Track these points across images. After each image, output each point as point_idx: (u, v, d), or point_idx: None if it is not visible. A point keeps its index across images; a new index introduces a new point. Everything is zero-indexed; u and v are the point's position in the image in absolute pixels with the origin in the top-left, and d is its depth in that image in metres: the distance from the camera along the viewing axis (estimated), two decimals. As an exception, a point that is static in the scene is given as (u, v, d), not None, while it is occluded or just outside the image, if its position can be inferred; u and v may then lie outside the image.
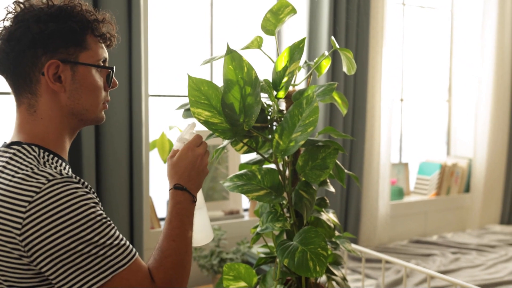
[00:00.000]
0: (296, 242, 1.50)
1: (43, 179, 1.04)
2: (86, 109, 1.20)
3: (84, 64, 1.17)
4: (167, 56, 3.31)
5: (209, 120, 1.39)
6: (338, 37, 3.44)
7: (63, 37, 1.14)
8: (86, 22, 1.17)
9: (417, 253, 3.54)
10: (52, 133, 1.17)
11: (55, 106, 1.17)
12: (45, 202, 1.02)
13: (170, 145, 2.97)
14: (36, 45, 1.12)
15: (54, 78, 1.14)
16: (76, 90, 1.17)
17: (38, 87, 1.15)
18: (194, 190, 1.27)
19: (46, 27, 1.12)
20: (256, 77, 1.35)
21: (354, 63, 1.49)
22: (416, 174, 4.44)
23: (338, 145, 1.53)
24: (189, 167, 1.27)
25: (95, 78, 1.20)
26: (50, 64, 1.12)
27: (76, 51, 1.16)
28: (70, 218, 1.03)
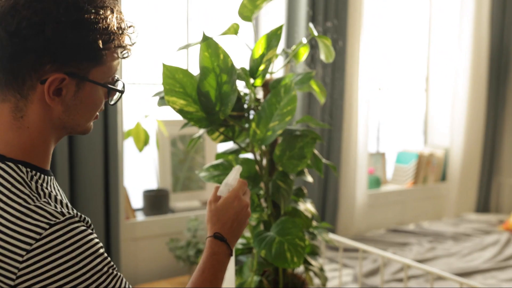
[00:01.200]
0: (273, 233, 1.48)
1: (43, 222, 0.87)
2: (78, 124, 1.02)
3: (93, 82, 0.97)
4: (143, 43, 3.25)
5: (184, 109, 1.36)
6: (316, 26, 3.41)
7: (80, 50, 0.93)
8: (112, 33, 0.97)
9: (394, 242, 3.56)
10: (39, 147, 0.98)
11: (46, 118, 0.97)
12: (47, 251, 0.86)
13: (145, 134, 2.92)
14: (44, 51, 0.91)
15: (54, 92, 0.94)
16: (75, 106, 0.98)
17: (31, 93, 0.94)
18: (233, 243, 1.17)
19: (64, 35, 0.91)
20: (232, 65, 1.32)
21: (333, 50, 1.47)
22: (394, 164, 4.46)
23: (316, 135, 1.51)
24: (233, 217, 1.16)
25: (98, 96, 1.01)
26: (54, 79, 0.92)
27: (89, 66, 0.96)
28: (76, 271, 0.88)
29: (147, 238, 2.98)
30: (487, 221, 4.16)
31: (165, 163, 3.17)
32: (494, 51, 4.52)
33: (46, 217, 0.88)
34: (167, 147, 3.16)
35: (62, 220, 0.88)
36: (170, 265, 3.00)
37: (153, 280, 2.95)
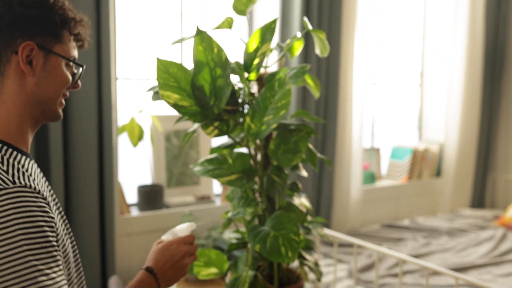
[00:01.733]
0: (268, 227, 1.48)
1: None
2: (50, 98, 1.16)
3: (58, 55, 1.16)
4: (136, 38, 3.24)
5: (179, 103, 1.35)
6: (311, 19, 3.41)
7: (43, 25, 1.14)
8: (66, 18, 1.17)
9: (389, 238, 3.57)
10: (13, 123, 1.12)
11: (21, 91, 1.13)
12: None
13: (139, 129, 2.91)
14: (15, 26, 1.11)
15: (27, 60, 1.11)
16: (44, 78, 1.15)
17: (7, 67, 1.12)
18: (162, 281, 1.25)
19: (28, 11, 1.12)
20: (226, 59, 1.31)
21: (328, 44, 1.47)
22: (388, 159, 4.46)
23: (310, 129, 1.50)
24: (167, 259, 1.26)
25: (64, 71, 1.18)
26: (26, 45, 1.10)
27: (52, 41, 1.15)
28: (7, 234, 0.94)
29: (141, 233, 2.97)
30: (482, 217, 4.17)
31: (159, 158, 3.16)
32: (489, 46, 4.52)
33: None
34: (161, 142, 3.15)
35: (11, 187, 0.97)
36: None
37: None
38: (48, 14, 1.14)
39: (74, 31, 1.20)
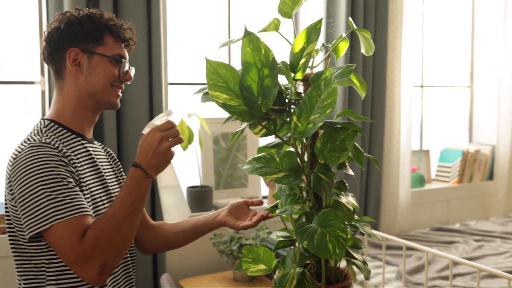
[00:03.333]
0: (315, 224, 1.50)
1: (26, 144, 1.37)
2: (98, 90, 1.49)
3: (98, 54, 1.48)
4: (186, 44, 3.32)
5: (227, 103, 1.39)
6: (356, 20, 3.41)
7: (83, 34, 1.48)
8: (104, 24, 1.50)
9: (439, 241, 3.52)
10: (67, 110, 1.50)
11: (74, 87, 1.49)
12: (18, 160, 1.34)
13: (189, 132, 2.98)
14: (64, 40, 1.48)
15: (75, 63, 1.48)
16: (90, 74, 1.48)
17: (64, 72, 1.49)
18: (149, 169, 1.37)
19: (71, 27, 1.47)
20: (274, 59, 1.34)
21: (372, 43, 1.48)
22: (437, 161, 4.39)
23: (357, 127, 1.52)
24: (147, 148, 1.38)
25: (108, 66, 1.50)
26: (71, 51, 1.47)
27: (94, 45, 1.49)
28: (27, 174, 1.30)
29: (191, 233, 3.04)
30: (536, 220, 4.05)
31: (208, 161, 3.22)
32: (542, 45, 4.40)
33: (29, 141, 1.38)
34: (210, 145, 3.22)
35: (37, 143, 1.36)
36: (213, 259, 3.05)
37: (197, 274, 3.01)
38: (86, 25, 1.47)
39: (115, 33, 1.51)
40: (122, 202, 1.35)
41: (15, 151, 1.39)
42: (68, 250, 1.27)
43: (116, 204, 1.35)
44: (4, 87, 2.78)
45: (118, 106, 1.55)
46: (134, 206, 1.35)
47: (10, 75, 2.77)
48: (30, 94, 2.79)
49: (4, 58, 2.76)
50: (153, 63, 2.75)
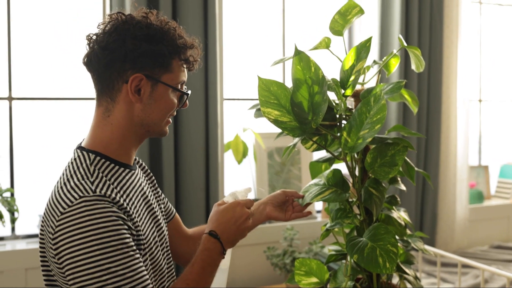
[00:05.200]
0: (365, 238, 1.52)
1: (76, 194, 1.15)
2: (154, 122, 1.31)
3: (165, 84, 1.28)
4: (241, 61, 3.41)
5: (279, 119, 1.44)
6: (411, 37, 3.40)
7: (152, 58, 1.25)
8: (176, 47, 1.28)
9: (498, 259, 3.42)
10: (116, 141, 1.28)
11: (127, 115, 1.28)
12: (70, 217, 1.12)
13: (244, 146, 3.05)
14: (126, 59, 1.23)
15: (135, 89, 1.25)
16: (150, 105, 1.28)
17: (118, 94, 1.26)
18: (226, 244, 1.31)
19: (139, 46, 1.23)
20: (323, 76, 1.39)
21: (423, 60, 1.50)
22: (497, 177, 4.28)
23: (407, 142, 1.53)
24: (232, 220, 1.31)
25: (170, 98, 1.30)
26: (135, 77, 1.24)
27: (161, 72, 1.27)
28: (82, 241, 1.11)
29: (245, 246, 3.09)
30: None
31: (262, 175, 3.28)
32: None
33: (80, 191, 1.15)
34: (264, 159, 3.28)
35: (91, 195, 1.15)
36: (267, 272, 3.09)
37: (250, 286, 3.06)
38: (158, 48, 1.25)
39: (184, 57, 1.30)
40: (197, 280, 1.24)
41: (61, 199, 1.16)
42: None
43: (191, 280, 1.23)
44: (69, 103, 2.94)
45: (167, 134, 1.38)
46: (207, 283, 1.26)
47: (76, 91, 2.92)
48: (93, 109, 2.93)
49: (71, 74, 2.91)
50: (209, 79, 2.84)
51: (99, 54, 1.24)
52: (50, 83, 2.89)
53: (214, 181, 2.89)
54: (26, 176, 2.84)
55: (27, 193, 2.78)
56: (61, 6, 2.90)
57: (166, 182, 2.75)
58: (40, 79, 2.88)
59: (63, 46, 2.89)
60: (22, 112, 2.83)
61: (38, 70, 2.87)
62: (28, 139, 2.87)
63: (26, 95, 2.83)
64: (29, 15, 2.82)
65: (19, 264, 2.58)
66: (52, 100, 2.89)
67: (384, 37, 3.38)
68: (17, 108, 2.80)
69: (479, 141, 4.30)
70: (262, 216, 1.61)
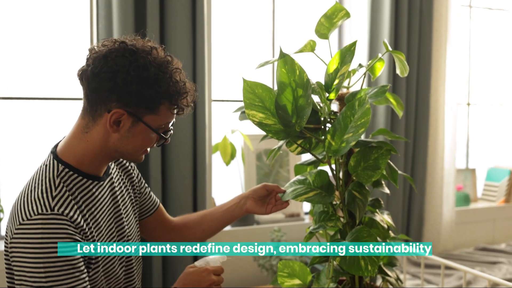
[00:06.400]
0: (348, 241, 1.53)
1: (36, 209, 1.21)
2: (129, 153, 1.34)
3: (145, 124, 1.29)
4: (230, 62, 3.41)
5: (263, 122, 1.45)
6: (400, 40, 3.42)
7: (139, 99, 1.26)
8: (168, 93, 1.28)
9: (482, 261, 3.45)
10: (87, 158, 1.32)
11: (103, 139, 1.30)
12: (25, 231, 1.19)
13: (232, 148, 3.05)
14: (113, 92, 1.24)
15: (114, 121, 1.27)
16: (127, 138, 1.30)
17: (99, 119, 1.29)
18: None
19: (129, 85, 1.24)
20: (308, 80, 1.39)
21: (407, 65, 1.51)
22: (484, 180, 4.31)
23: (390, 146, 1.55)
24: (195, 284, 1.37)
25: (148, 136, 1.32)
26: (116, 112, 1.26)
27: (145, 112, 1.28)
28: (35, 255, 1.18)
29: (232, 247, 3.09)
30: None
31: (250, 177, 3.28)
32: None
33: (40, 207, 1.21)
34: (252, 161, 3.28)
35: (48, 213, 1.20)
36: (253, 274, 3.09)
37: (238, 287, 3.06)
38: (147, 92, 1.25)
39: (175, 102, 1.30)
40: None
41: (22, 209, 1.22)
42: None
43: None
44: (55, 103, 2.92)
45: (141, 161, 1.41)
46: None
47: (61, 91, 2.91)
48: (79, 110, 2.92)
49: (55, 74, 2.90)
50: (197, 80, 2.84)
51: (90, 77, 1.26)
52: (34, 83, 2.88)
53: (202, 182, 2.89)
54: (11, 176, 2.82)
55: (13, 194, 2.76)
56: (47, 5, 2.89)
57: (153, 184, 2.75)
58: (24, 79, 2.87)
59: (48, 46, 2.88)
60: (6, 111, 2.81)
61: (23, 69, 2.86)
62: (13, 139, 2.86)
63: (10, 94, 2.82)
64: (13, 15, 2.80)
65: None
66: (36, 100, 2.88)
67: (374, 40, 3.40)
68: (1, 107, 2.79)
69: (466, 144, 4.33)
70: (241, 210, 1.65)
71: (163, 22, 2.78)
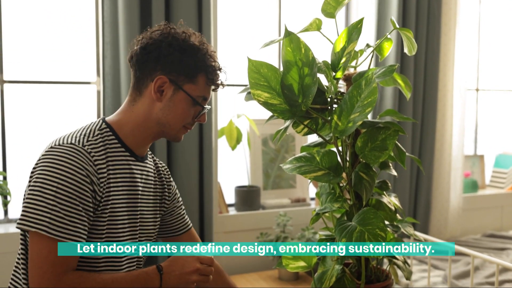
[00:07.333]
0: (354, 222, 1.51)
1: (69, 140, 1.35)
2: (169, 124, 1.45)
3: (185, 93, 1.43)
4: (236, 46, 3.38)
5: (269, 101, 1.43)
6: (408, 23, 3.38)
7: (180, 67, 1.41)
8: (205, 64, 1.44)
9: (490, 247, 3.43)
10: (129, 126, 1.45)
11: (147, 109, 1.44)
12: (54, 152, 1.32)
13: (237, 132, 3.03)
14: (158, 62, 1.41)
15: (158, 89, 1.42)
16: (169, 107, 1.44)
17: (145, 90, 1.44)
18: (165, 282, 1.37)
19: (172, 53, 1.40)
20: (313, 58, 1.37)
21: (415, 43, 1.48)
22: (492, 167, 4.28)
23: (398, 127, 1.52)
24: (178, 267, 1.38)
25: (187, 107, 1.45)
26: (160, 78, 1.41)
27: (185, 81, 1.43)
28: (51, 174, 1.28)
29: (238, 231, 3.09)
30: None
31: (256, 161, 3.27)
32: None
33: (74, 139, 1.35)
34: (258, 145, 3.27)
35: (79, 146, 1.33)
36: (260, 258, 3.09)
37: (243, 272, 3.06)
38: (187, 60, 1.41)
39: (211, 76, 1.45)
40: (123, 283, 1.32)
41: (60, 139, 1.36)
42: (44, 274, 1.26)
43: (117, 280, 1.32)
44: (61, 87, 2.92)
45: (180, 140, 1.52)
46: None
47: (67, 75, 2.91)
48: (87, 94, 2.92)
49: (62, 58, 2.89)
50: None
51: (138, 53, 1.43)
52: (42, 67, 2.87)
53: (208, 166, 2.88)
54: (18, 159, 2.83)
55: (20, 177, 2.76)
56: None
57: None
58: (32, 63, 2.86)
59: (56, 30, 2.87)
60: (14, 95, 2.81)
61: (31, 53, 2.85)
62: (20, 123, 2.85)
63: (18, 78, 2.81)
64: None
65: (12, 248, 2.57)
66: (44, 83, 2.87)
67: (381, 21, 3.35)
68: (8, 91, 2.78)
69: (475, 130, 4.29)
70: None
71: (169, 5, 2.76)
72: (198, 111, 1.48)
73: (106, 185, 1.37)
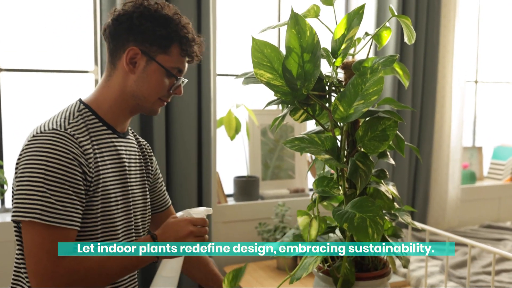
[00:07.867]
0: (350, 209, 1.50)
1: (51, 126, 1.32)
2: (144, 96, 1.44)
3: (158, 64, 1.41)
4: (235, 35, 3.37)
5: (271, 82, 1.42)
6: (407, 13, 3.38)
7: (152, 37, 1.40)
8: (177, 35, 1.42)
9: (487, 238, 3.44)
10: (107, 102, 1.44)
11: (122, 82, 1.43)
12: (37, 141, 1.29)
13: (236, 122, 3.03)
14: (130, 32, 1.40)
15: (130, 61, 1.41)
16: (142, 78, 1.42)
17: (118, 62, 1.43)
18: None
19: (143, 24, 1.39)
20: (318, 41, 1.36)
21: (413, 31, 1.48)
22: (490, 159, 4.28)
23: (398, 117, 1.52)
24: (172, 232, 1.37)
25: (161, 78, 1.43)
26: (131, 49, 1.40)
27: (157, 51, 1.41)
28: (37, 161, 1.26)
29: (237, 221, 3.10)
30: None
31: (255, 152, 3.27)
32: None
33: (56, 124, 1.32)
34: (257, 136, 3.27)
35: (61, 130, 1.30)
36: (258, 248, 3.09)
37: (242, 261, 3.07)
38: (159, 30, 1.39)
39: (184, 47, 1.43)
40: (119, 257, 1.32)
41: (41, 126, 1.34)
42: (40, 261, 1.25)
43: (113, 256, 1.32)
44: (59, 76, 2.91)
45: (157, 113, 1.51)
46: (128, 265, 1.34)
47: (65, 64, 2.90)
48: (84, 83, 2.91)
49: (59, 47, 2.88)
50: (202, 54, 2.80)
51: (110, 24, 1.42)
52: (40, 55, 2.86)
53: (206, 156, 2.87)
54: (15, 148, 2.82)
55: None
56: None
57: (157, 157, 2.74)
58: (30, 51, 2.85)
59: (54, 18, 2.86)
60: (11, 84, 2.80)
61: (28, 41, 2.84)
62: (17, 112, 2.85)
63: (15, 66, 2.80)
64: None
65: (9, 237, 2.57)
66: (42, 72, 2.86)
67: (381, 10, 3.34)
68: (5, 79, 2.77)
69: (473, 122, 4.30)
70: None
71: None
72: (173, 83, 1.46)
73: (94, 164, 1.36)
